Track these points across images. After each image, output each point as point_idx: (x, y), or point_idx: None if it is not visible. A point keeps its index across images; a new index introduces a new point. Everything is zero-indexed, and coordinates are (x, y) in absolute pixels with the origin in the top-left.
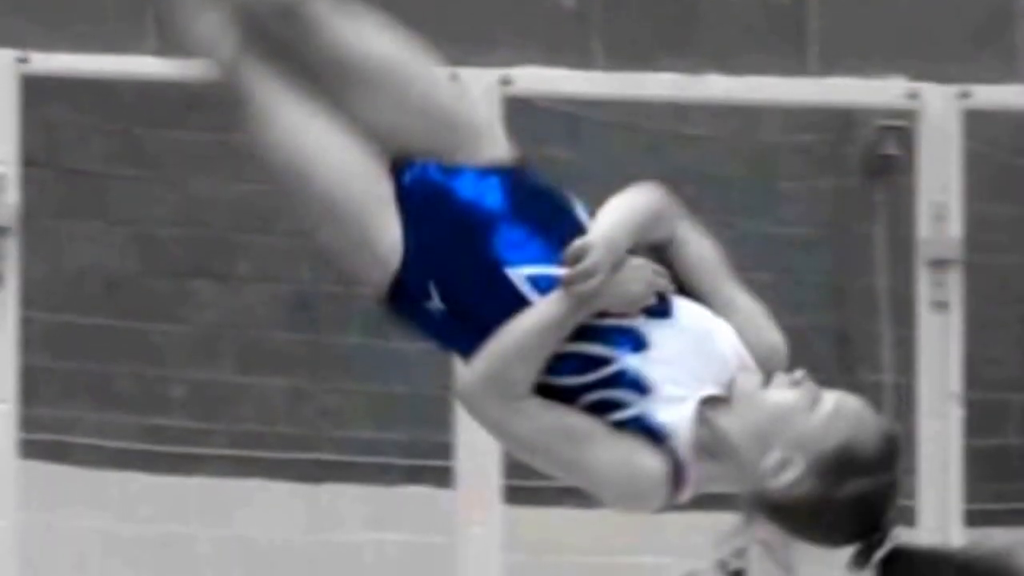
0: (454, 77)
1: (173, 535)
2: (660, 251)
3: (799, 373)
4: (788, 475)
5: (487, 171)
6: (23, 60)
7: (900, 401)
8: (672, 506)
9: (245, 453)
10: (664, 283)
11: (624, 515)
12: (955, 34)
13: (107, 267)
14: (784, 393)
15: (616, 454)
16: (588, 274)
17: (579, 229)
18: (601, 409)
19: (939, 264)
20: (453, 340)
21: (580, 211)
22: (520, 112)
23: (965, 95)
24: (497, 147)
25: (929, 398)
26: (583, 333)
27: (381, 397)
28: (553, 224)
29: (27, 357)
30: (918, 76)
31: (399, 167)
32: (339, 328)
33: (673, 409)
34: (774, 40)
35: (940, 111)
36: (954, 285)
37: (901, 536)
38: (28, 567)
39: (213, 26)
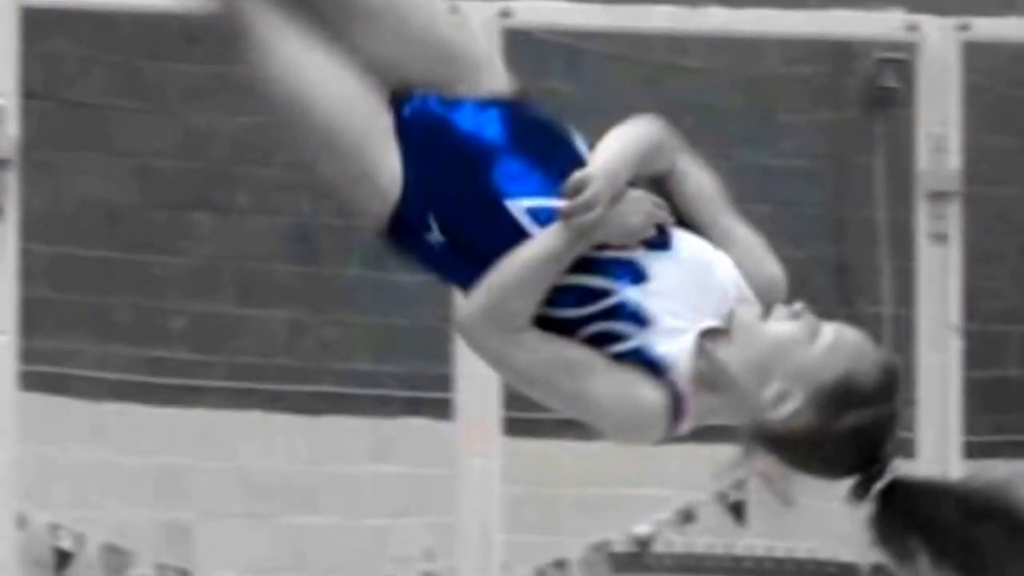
0: (454, 9)
1: (172, 467)
2: (659, 183)
3: (798, 305)
4: (787, 407)
5: (487, 103)
6: None
7: (899, 333)
8: (671, 438)
9: (245, 385)
10: (663, 215)
11: (623, 447)
12: None
13: (107, 199)
14: (783, 325)
15: (615, 386)
16: (588, 206)
17: (578, 161)
18: (601, 341)
19: (938, 196)
20: (453, 272)
21: (579, 143)
22: (519, 44)
23: (964, 27)
24: (497, 79)
25: (928, 330)
26: (583, 265)
27: (381, 329)
28: (552, 156)
29: (27, 289)
30: (917, 8)
31: (399, 99)
32: (339, 260)
33: (672, 341)
34: None
35: (939, 43)
36: (953, 217)
37: (900, 468)
38: (28, 498)
39: None
